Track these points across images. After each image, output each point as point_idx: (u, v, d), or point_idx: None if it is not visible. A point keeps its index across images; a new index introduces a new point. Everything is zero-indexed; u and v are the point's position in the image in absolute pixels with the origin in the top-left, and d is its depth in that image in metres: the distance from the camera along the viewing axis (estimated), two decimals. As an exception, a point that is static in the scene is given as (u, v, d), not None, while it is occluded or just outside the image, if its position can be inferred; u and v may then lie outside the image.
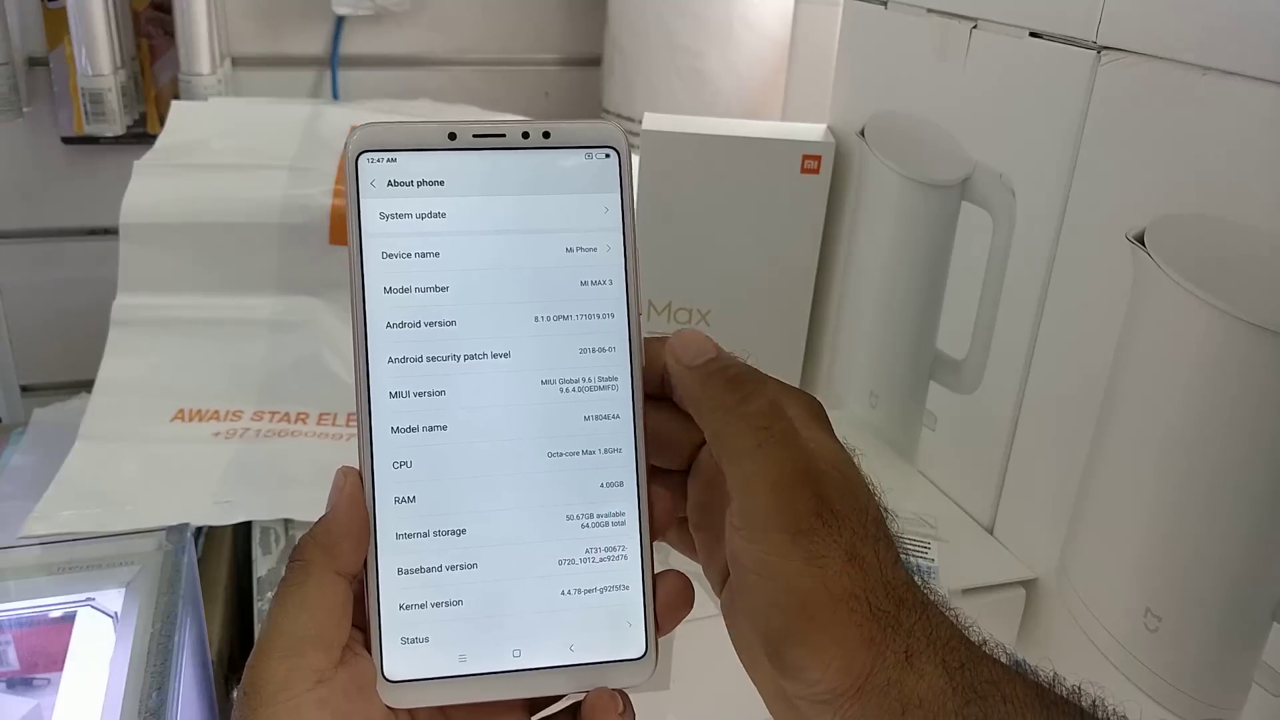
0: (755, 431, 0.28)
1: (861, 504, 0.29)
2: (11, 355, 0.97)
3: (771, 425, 0.29)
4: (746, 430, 0.29)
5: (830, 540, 0.27)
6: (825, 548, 0.27)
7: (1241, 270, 0.42)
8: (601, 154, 0.32)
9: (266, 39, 0.96)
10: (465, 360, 0.31)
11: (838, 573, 0.27)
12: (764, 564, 0.27)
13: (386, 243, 0.30)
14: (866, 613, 0.27)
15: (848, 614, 0.27)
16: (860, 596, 0.27)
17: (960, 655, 0.27)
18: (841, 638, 0.27)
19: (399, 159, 0.31)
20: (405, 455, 0.31)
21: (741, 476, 0.28)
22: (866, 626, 0.27)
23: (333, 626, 0.29)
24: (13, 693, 0.55)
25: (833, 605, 0.27)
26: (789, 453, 0.28)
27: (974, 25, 0.56)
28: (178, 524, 0.62)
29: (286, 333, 0.78)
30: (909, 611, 0.27)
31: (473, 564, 0.31)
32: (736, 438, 0.29)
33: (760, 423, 0.29)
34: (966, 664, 0.27)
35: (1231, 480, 0.44)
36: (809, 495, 0.28)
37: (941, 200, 0.60)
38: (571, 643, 0.31)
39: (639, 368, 0.32)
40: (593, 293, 0.31)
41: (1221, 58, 0.42)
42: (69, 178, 0.94)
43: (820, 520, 0.27)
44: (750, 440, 0.28)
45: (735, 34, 0.86)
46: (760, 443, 0.28)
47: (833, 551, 0.27)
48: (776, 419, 0.29)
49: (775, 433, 0.28)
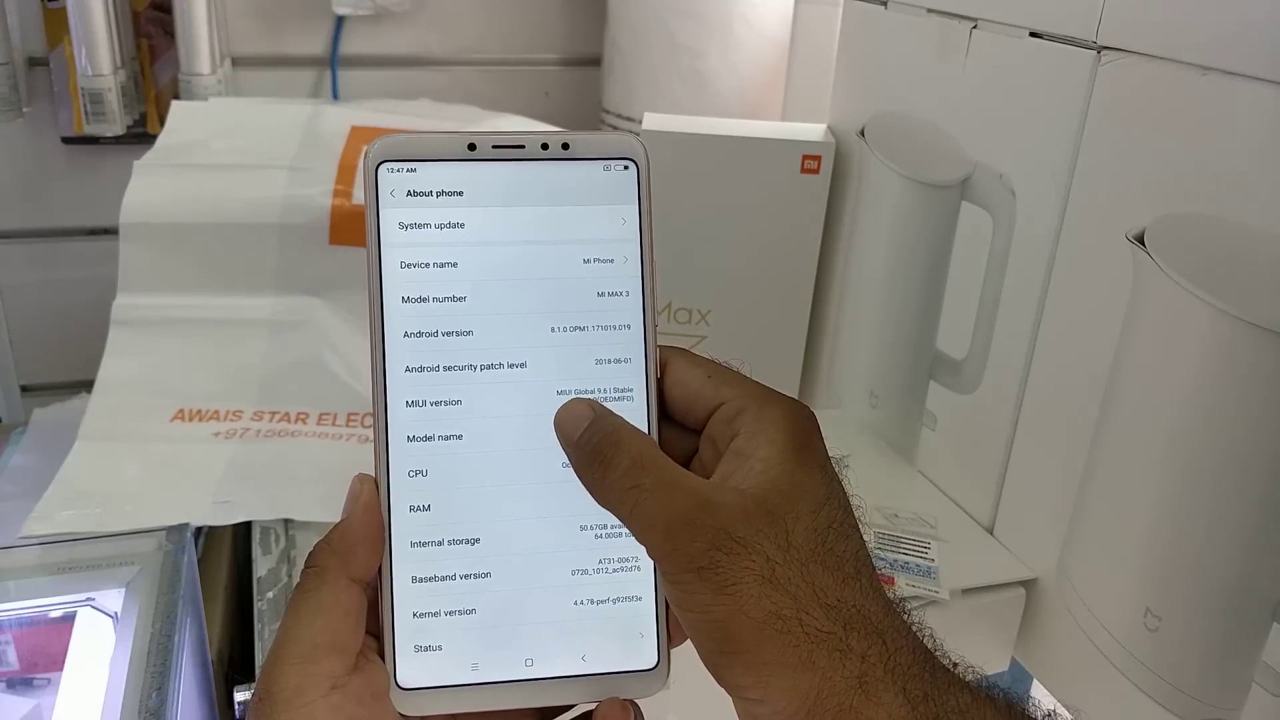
0: (626, 494, 0.28)
1: (782, 528, 0.28)
2: (11, 355, 0.97)
3: (640, 482, 0.28)
4: (620, 496, 0.29)
5: (738, 567, 0.27)
6: (734, 575, 0.27)
7: (1241, 270, 0.42)
8: (620, 166, 0.32)
9: (266, 39, 0.96)
10: (482, 370, 0.31)
11: (755, 597, 0.27)
12: (681, 600, 0.28)
13: (405, 252, 0.31)
14: (799, 633, 0.27)
15: (774, 635, 0.26)
16: (787, 617, 0.27)
17: (924, 684, 0.27)
18: (772, 658, 0.26)
19: (418, 169, 0.31)
20: (421, 464, 0.31)
21: (638, 534, 0.28)
22: (802, 648, 0.26)
23: (347, 633, 0.29)
24: (13, 693, 0.55)
25: (755, 628, 0.27)
26: (671, 498, 0.28)
27: (974, 25, 0.56)
28: (178, 524, 0.62)
29: (286, 333, 0.78)
30: (860, 636, 0.27)
31: (486, 573, 0.31)
32: (616, 506, 0.29)
33: (628, 483, 0.28)
34: (931, 694, 0.27)
35: (1232, 480, 0.44)
36: (701, 533, 0.27)
37: (941, 200, 0.60)
38: (583, 653, 0.31)
39: (654, 379, 0.32)
40: (609, 304, 0.32)
41: (1221, 58, 0.42)
42: (69, 178, 0.94)
43: (721, 552, 0.27)
44: (626, 503, 0.28)
45: (735, 34, 0.86)
46: (636, 502, 0.28)
47: (744, 577, 0.27)
48: (645, 473, 0.29)
49: (646, 488, 0.28)
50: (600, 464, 0.29)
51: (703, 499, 0.28)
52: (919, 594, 0.52)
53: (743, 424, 0.30)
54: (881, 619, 0.28)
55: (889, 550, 0.55)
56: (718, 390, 0.31)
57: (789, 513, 0.28)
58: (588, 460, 0.29)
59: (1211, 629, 0.45)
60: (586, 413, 0.30)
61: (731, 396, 0.31)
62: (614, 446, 0.29)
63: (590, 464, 0.29)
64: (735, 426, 0.30)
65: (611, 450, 0.29)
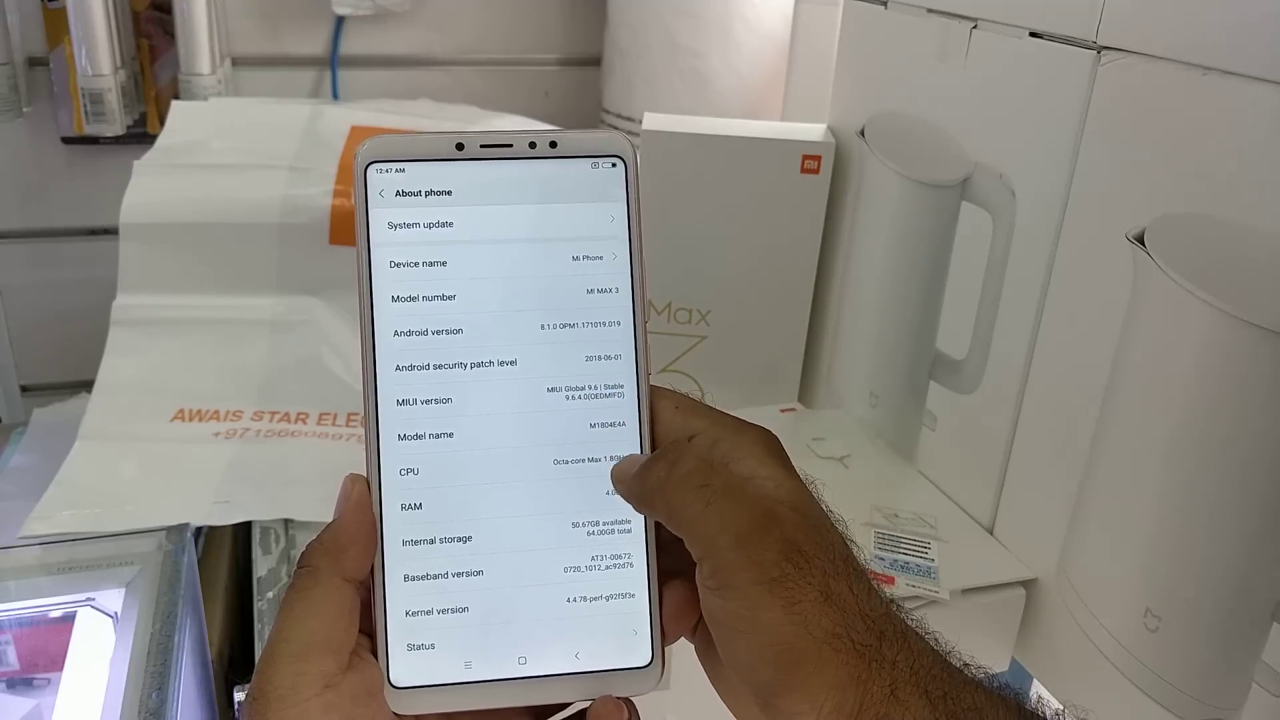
0: (697, 491, 0.28)
1: (827, 540, 0.28)
2: (11, 355, 0.97)
3: (710, 481, 0.28)
4: (689, 494, 0.28)
5: (804, 582, 0.27)
6: (800, 591, 0.27)
7: (1241, 270, 0.42)
8: (608, 163, 0.32)
9: (266, 39, 0.96)
10: (472, 368, 0.31)
11: (816, 614, 0.27)
12: (743, 619, 0.27)
13: (395, 252, 0.31)
14: (850, 650, 0.27)
15: (833, 654, 0.27)
16: (841, 634, 0.27)
17: (943, 684, 0.27)
18: (831, 680, 0.26)
19: (407, 169, 0.31)
20: (412, 462, 0.31)
21: (703, 537, 0.28)
22: (852, 664, 0.27)
23: (340, 632, 0.29)
24: (13, 693, 0.55)
25: (817, 648, 0.26)
26: (740, 503, 0.28)
27: (974, 25, 0.56)
28: (178, 524, 0.62)
29: (286, 333, 0.78)
30: (890, 643, 0.27)
31: (479, 571, 0.31)
32: (683, 506, 0.28)
33: (698, 481, 0.28)
34: (949, 693, 0.27)
35: (1232, 480, 0.44)
36: (774, 541, 0.27)
37: (941, 200, 0.60)
38: (577, 650, 0.31)
39: (645, 375, 0.32)
40: (599, 301, 0.32)
41: (1221, 58, 0.42)
42: (69, 178, 0.94)
43: (791, 564, 0.27)
44: (697, 502, 0.28)
45: (735, 34, 0.86)
46: (707, 500, 0.28)
47: (808, 594, 0.27)
48: (714, 474, 0.29)
49: (717, 488, 0.28)
50: (668, 463, 0.29)
51: (769, 508, 0.28)
52: (919, 594, 0.52)
53: (723, 452, 0.30)
54: (903, 625, 0.28)
55: (889, 550, 0.55)
56: (687, 421, 0.31)
57: (827, 526, 0.29)
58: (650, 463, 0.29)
59: (1211, 629, 0.45)
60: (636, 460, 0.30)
61: (703, 427, 0.31)
62: (678, 448, 0.29)
63: (653, 465, 0.29)
64: (717, 456, 0.30)
65: (676, 451, 0.29)
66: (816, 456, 0.65)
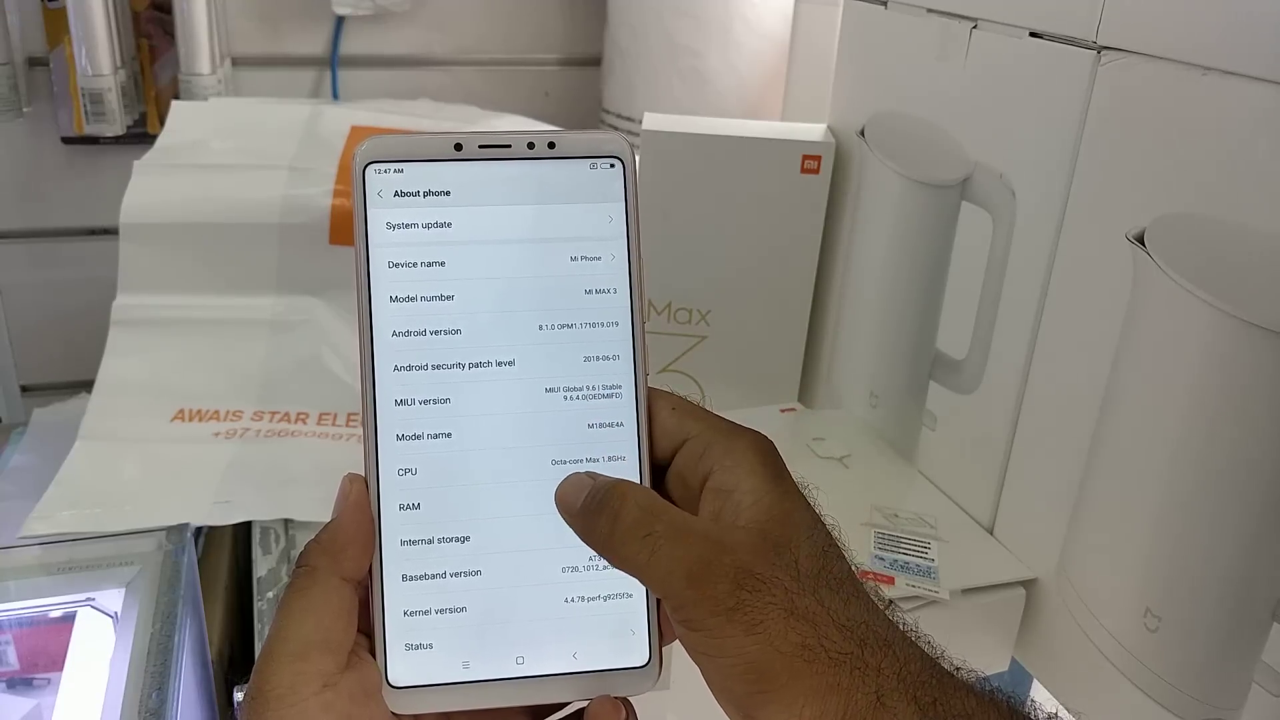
0: (641, 542, 0.28)
1: (789, 558, 0.28)
2: (11, 355, 0.97)
3: (654, 529, 0.28)
4: (633, 545, 0.28)
5: (763, 604, 0.27)
6: (761, 613, 0.27)
7: (1241, 270, 0.42)
8: (606, 164, 0.32)
9: (266, 39, 0.96)
10: (470, 368, 0.31)
11: (782, 630, 0.27)
12: (710, 645, 0.27)
13: (393, 252, 0.31)
14: (825, 660, 0.27)
15: (805, 665, 0.27)
16: (813, 645, 0.27)
17: (932, 690, 0.27)
18: (806, 689, 0.27)
19: (406, 170, 0.31)
20: (410, 463, 0.31)
21: (656, 581, 0.28)
22: (828, 673, 0.27)
23: (339, 631, 0.29)
24: (13, 693, 0.55)
25: (787, 661, 0.27)
26: (687, 543, 0.28)
27: (974, 25, 0.56)
28: (178, 524, 0.62)
29: (286, 333, 0.78)
30: (874, 650, 0.27)
31: (477, 571, 0.31)
32: (631, 556, 0.28)
33: (641, 532, 0.28)
34: (939, 699, 0.27)
35: (1232, 480, 0.44)
36: (726, 572, 0.27)
37: (941, 200, 0.60)
38: (575, 650, 0.31)
39: (643, 376, 0.32)
40: (597, 301, 0.32)
41: (1221, 58, 0.42)
42: (69, 178, 0.94)
43: (746, 590, 0.27)
44: (643, 552, 0.28)
45: (735, 34, 0.86)
46: (653, 549, 0.28)
47: (770, 614, 0.27)
48: (656, 520, 0.29)
49: (661, 533, 0.28)
50: (609, 516, 0.29)
51: (715, 540, 0.28)
52: (919, 594, 0.52)
53: (714, 459, 0.30)
54: (888, 631, 0.28)
55: (889, 550, 0.55)
56: (682, 424, 0.32)
57: (791, 542, 0.29)
58: (594, 514, 0.29)
59: (1211, 629, 0.45)
60: (585, 480, 0.30)
61: (698, 431, 0.31)
62: (619, 498, 0.29)
63: (597, 517, 0.29)
64: (707, 462, 0.30)
65: (618, 501, 0.29)
66: (816, 456, 0.65)
